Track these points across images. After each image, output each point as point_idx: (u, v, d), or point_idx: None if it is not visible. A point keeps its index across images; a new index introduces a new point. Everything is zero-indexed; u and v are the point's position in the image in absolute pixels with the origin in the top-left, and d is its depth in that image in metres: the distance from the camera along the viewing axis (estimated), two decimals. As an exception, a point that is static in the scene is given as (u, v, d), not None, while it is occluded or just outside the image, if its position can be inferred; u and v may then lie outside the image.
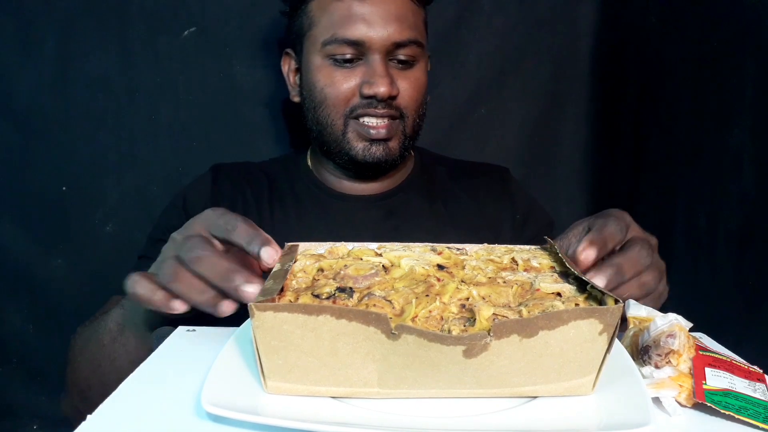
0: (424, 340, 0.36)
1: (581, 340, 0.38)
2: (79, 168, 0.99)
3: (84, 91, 0.98)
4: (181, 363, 0.47)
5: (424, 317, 0.41)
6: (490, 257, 0.51)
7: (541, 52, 1.09)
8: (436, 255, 0.51)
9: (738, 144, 0.81)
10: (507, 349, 0.37)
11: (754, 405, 0.40)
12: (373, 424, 0.36)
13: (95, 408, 0.63)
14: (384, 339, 0.36)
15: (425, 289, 0.45)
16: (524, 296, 0.44)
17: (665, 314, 0.47)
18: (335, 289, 0.44)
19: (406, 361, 0.37)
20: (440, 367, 0.37)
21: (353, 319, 0.36)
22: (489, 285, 0.45)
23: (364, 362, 0.38)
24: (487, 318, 0.40)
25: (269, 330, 0.37)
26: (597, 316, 0.37)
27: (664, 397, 0.41)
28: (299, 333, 0.37)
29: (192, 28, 1.00)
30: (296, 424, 0.35)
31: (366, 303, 0.42)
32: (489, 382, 0.38)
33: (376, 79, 0.77)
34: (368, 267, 0.48)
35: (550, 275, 0.47)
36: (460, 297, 0.44)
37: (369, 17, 0.77)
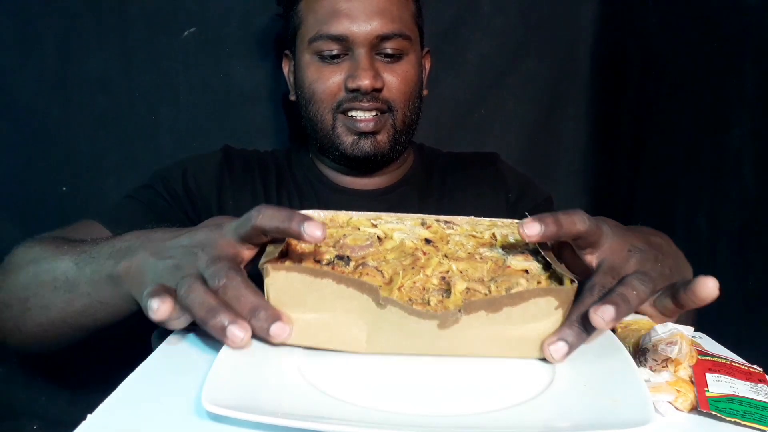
0: (405, 313, 0.43)
1: (539, 315, 0.44)
2: (79, 168, 0.99)
3: (84, 91, 0.98)
4: (181, 363, 0.46)
5: (409, 287, 0.48)
6: (474, 232, 0.56)
7: (541, 52, 1.09)
8: (425, 229, 0.56)
9: (738, 144, 0.81)
10: (475, 323, 0.43)
11: (758, 409, 0.40)
12: (373, 423, 0.36)
13: (2, 321, 0.62)
14: (374, 306, 0.43)
15: (412, 261, 0.51)
16: (496, 272, 0.50)
17: (665, 323, 0.46)
18: (334, 257, 0.50)
19: (391, 327, 0.44)
20: (418, 335, 0.44)
21: (350, 286, 0.43)
22: (467, 260, 0.51)
23: (356, 323, 0.44)
24: (461, 291, 0.47)
25: (280, 287, 0.44)
26: (554, 295, 0.44)
27: (659, 401, 0.41)
28: (305, 291, 0.43)
29: (192, 28, 1.00)
30: (296, 424, 0.35)
31: (360, 272, 0.48)
32: (459, 348, 0.45)
33: (360, 73, 0.78)
34: (364, 238, 0.53)
35: (521, 253, 0.52)
36: (441, 270, 0.50)
37: (352, 12, 0.79)
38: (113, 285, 0.53)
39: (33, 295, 0.60)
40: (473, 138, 1.09)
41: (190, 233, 0.51)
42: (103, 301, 0.55)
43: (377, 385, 0.42)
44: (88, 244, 0.59)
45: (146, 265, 0.50)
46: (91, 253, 0.57)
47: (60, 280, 0.58)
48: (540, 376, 0.44)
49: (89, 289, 0.56)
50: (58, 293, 0.58)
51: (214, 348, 0.45)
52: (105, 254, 0.55)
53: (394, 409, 0.39)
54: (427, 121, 0.95)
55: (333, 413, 0.38)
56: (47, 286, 0.59)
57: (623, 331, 0.49)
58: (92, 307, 0.56)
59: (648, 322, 0.49)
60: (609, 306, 0.42)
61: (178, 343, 0.51)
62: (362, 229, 0.55)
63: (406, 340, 0.45)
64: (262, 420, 0.35)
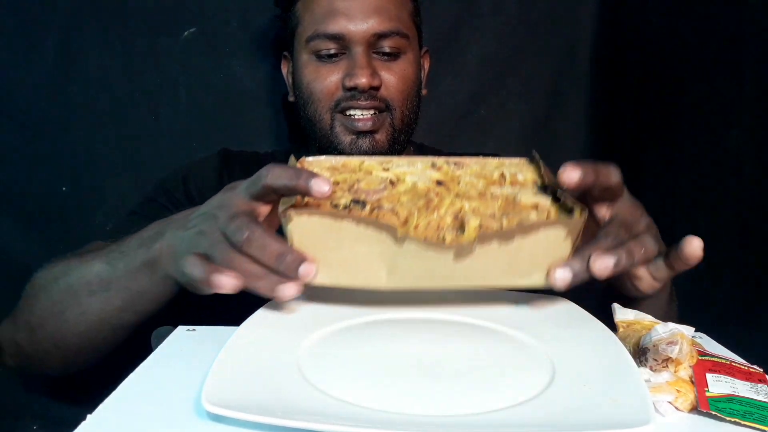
0: (422, 247, 0.45)
1: (549, 245, 0.46)
2: (79, 168, 0.99)
3: (84, 91, 0.98)
4: (181, 363, 0.47)
5: (424, 226, 0.49)
6: (483, 172, 0.57)
7: (541, 52, 1.09)
8: (436, 171, 0.57)
9: (738, 144, 0.81)
10: (488, 253, 0.46)
11: (758, 409, 0.40)
12: (373, 423, 0.36)
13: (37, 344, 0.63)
14: (392, 244, 0.45)
15: (425, 202, 0.52)
16: (507, 208, 0.51)
17: (666, 322, 0.47)
18: (350, 201, 0.51)
19: (409, 262, 0.46)
20: (435, 268, 0.46)
21: (369, 226, 0.45)
22: (479, 199, 0.53)
23: (375, 261, 0.46)
24: (475, 227, 0.49)
25: (303, 232, 0.46)
26: (563, 225, 0.46)
27: (659, 401, 0.41)
28: (326, 234, 0.45)
29: (192, 28, 1.00)
30: (296, 424, 0.35)
31: (376, 214, 0.50)
32: (474, 278, 0.47)
33: (357, 71, 0.78)
34: (378, 181, 0.55)
35: (531, 190, 0.54)
36: (454, 209, 0.51)
37: (349, 11, 0.79)
38: (150, 271, 0.55)
39: (68, 306, 0.61)
40: (473, 138, 1.09)
41: (207, 201, 0.53)
42: (143, 290, 0.57)
43: (377, 384, 0.42)
44: (113, 245, 0.60)
45: (174, 239, 0.53)
46: (120, 249, 0.59)
47: (94, 283, 0.59)
48: (540, 376, 0.44)
49: (127, 283, 0.57)
50: (95, 296, 0.59)
51: (214, 348, 0.45)
52: (134, 246, 0.57)
53: (394, 409, 0.38)
54: (427, 121, 0.94)
55: (333, 413, 0.38)
56: (82, 292, 0.60)
57: (623, 331, 0.49)
58: (132, 300, 0.58)
59: (648, 322, 0.49)
60: (610, 257, 0.45)
61: (178, 343, 0.51)
62: (375, 174, 0.56)
63: (423, 273, 0.47)
64: (262, 420, 0.35)
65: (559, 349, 0.47)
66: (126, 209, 0.98)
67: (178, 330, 0.54)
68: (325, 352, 0.46)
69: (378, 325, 0.52)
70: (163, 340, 0.52)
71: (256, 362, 0.43)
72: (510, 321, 0.52)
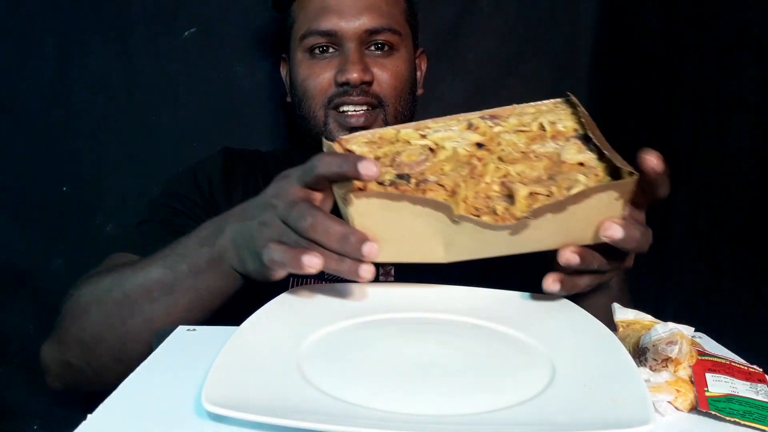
0: (479, 227, 0.47)
1: (601, 206, 0.47)
2: (79, 168, 0.99)
3: (84, 91, 0.98)
4: (181, 363, 0.47)
5: (473, 197, 0.50)
6: (521, 127, 0.57)
7: (541, 52, 1.09)
8: (473, 132, 0.56)
9: (738, 144, 0.81)
10: (542, 224, 0.47)
11: (758, 408, 0.40)
12: (373, 423, 0.36)
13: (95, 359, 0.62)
14: (449, 222, 0.47)
15: (469, 170, 0.52)
16: (553, 168, 0.52)
17: (666, 322, 0.47)
18: (395, 176, 0.52)
19: (466, 239, 0.48)
20: (491, 242, 0.48)
21: (426, 206, 0.46)
22: (523, 161, 0.53)
23: (433, 237, 0.48)
24: (525, 197, 0.49)
25: (363, 213, 0.47)
26: (614, 188, 0.47)
27: (659, 401, 0.41)
28: (385, 214, 0.47)
29: (192, 28, 1.00)
30: (296, 424, 0.35)
31: (423, 188, 0.51)
32: (529, 245, 0.49)
33: (348, 66, 0.79)
34: (418, 153, 0.54)
35: (573, 144, 0.54)
36: (499, 176, 0.52)
37: (341, 8, 0.80)
38: (216, 268, 0.57)
39: (129, 316, 0.60)
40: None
41: (262, 192, 0.54)
42: (210, 287, 0.58)
43: (377, 384, 0.42)
44: (167, 249, 0.60)
45: (235, 233, 0.55)
46: (177, 252, 0.59)
47: (156, 289, 0.59)
48: (540, 376, 0.44)
49: (193, 283, 0.58)
50: (158, 301, 0.59)
51: (214, 348, 0.45)
52: (194, 246, 0.58)
53: (394, 409, 0.38)
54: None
55: (333, 413, 0.38)
56: (143, 300, 0.59)
57: (623, 331, 0.49)
58: (199, 299, 0.59)
59: (648, 322, 0.49)
60: None
61: (178, 343, 0.51)
62: (413, 143, 0.56)
63: (480, 246, 0.49)
64: (262, 420, 0.35)
65: (559, 349, 0.47)
66: (126, 209, 0.99)
67: (178, 330, 0.54)
68: (325, 352, 0.46)
69: (378, 325, 0.52)
70: (163, 340, 0.52)
71: (256, 362, 0.43)
72: (510, 321, 0.52)
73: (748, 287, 0.77)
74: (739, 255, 0.79)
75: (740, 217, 0.80)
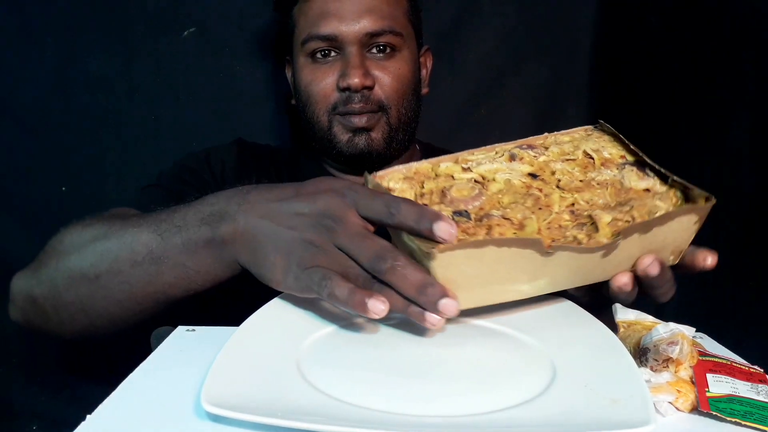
0: (575, 253, 0.45)
1: (681, 230, 0.48)
2: (79, 168, 0.99)
3: (84, 91, 0.98)
4: (181, 363, 0.47)
5: (545, 228, 0.49)
6: (567, 156, 0.56)
7: (541, 52, 1.09)
8: (522, 164, 0.56)
9: (738, 144, 0.81)
10: (629, 245, 0.47)
11: (759, 409, 0.40)
12: (373, 423, 0.36)
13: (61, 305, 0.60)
14: (538, 256, 0.44)
15: (534, 201, 0.51)
16: (619, 195, 0.52)
17: (667, 323, 0.47)
18: (452, 214, 0.50)
19: (554, 270, 0.46)
20: (581, 268, 0.47)
21: (512, 246, 0.44)
22: (587, 189, 0.52)
23: (518, 275, 0.46)
24: (608, 223, 0.48)
25: (446, 266, 0.44)
26: (695, 212, 0.48)
27: (660, 401, 0.41)
28: (469, 263, 0.44)
29: (192, 28, 1.00)
30: (296, 424, 0.35)
31: (488, 224, 0.48)
32: (612, 270, 0.48)
33: (349, 71, 0.79)
34: (468, 187, 0.53)
35: (630, 171, 0.54)
36: (566, 204, 0.51)
37: (341, 12, 0.80)
38: (214, 251, 0.52)
39: (107, 272, 0.57)
40: (473, 138, 1.09)
41: (304, 199, 0.49)
42: (202, 270, 0.54)
43: (377, 384, 0.42)
44: (162, 213, 0.56)
45: (260, 230, 0.49)
46: (173, 222, 0.54)
47: (141, 253, 0.55)
48: (540, 376, 0.44)
49: (183, 259, 0.53)
50: (142, 268, 0.55)
51: (214, 348, 0.45)
52: (194, 221, 0.53)
53: (393, 409, 0.38)
54: (427, 121, 0.94)
55: (333, 413, 0.38)
56: (125, 260, 0.56)
57: (624, 331, 0.49)
58: (186, 278, 0.54)
59: (649, 322, 0.49)
60: None
61: (178, 343, 0.51)
62: (457, 177, 0.54)
63: (569, 275, 0.48)
64: (262, 420, 0.35)
65: (559, 349, 0.47)
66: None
67: (178, 330, 0.54)
68: (325, 352, 0.46)
69: (378, 326, 0.52)
70: (163, 340, 0.52)
71: (256, 362, 0.43)
72: (510, 321, 0.52)
73: (749, 287, 0.77)
74: (740, 255, 0.79)
75: (741, 217, 0.79)
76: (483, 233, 0.48)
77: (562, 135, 0.60)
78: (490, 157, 0.57)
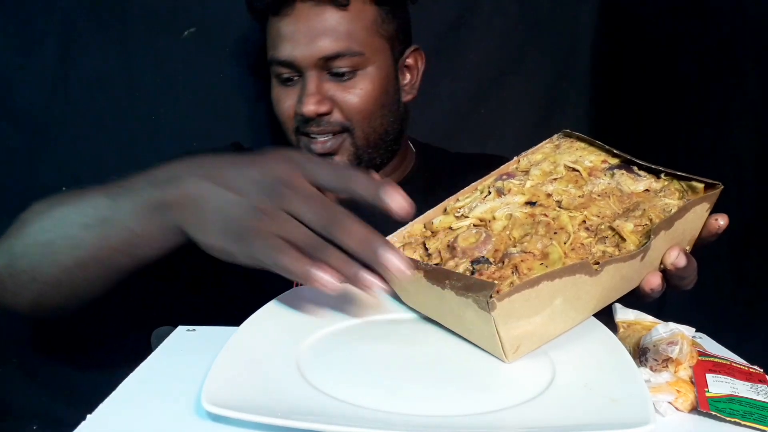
0: (620, 263, 0.46)
1: (696, 219, 0.51)
2: (79, 168, 0.98)
3: (84, 91, 0.98)
4: (181, 363, 0.47)
5: (570, 250, 0.49)
6: (551, 177, 0.57)
7: (541, 52, 1.09)
8: (512, 196, 0.56)
9: (738, 144, 0.81)
10: (658, 243, 0.48)
11: (758, 409, 0.40)
12: (373, 423, 0.36)
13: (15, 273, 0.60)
14: (587, 279, 0.45)
15: (545, 227, 0.51)
16: (623, 201, 0.53)
17: (667, 323, 0.47)
18: (471, 264, 0.49)
19: (604, 285, 0.46)
20: (624, 277, 0.47)
21: (564, 275, 0.44)
22: (590, 203, 0.53)
23: (575, 302, 0.46)
24: (632, 231, 0.49)
25: (509, 313, 0.43)
26: (707, 199, 0.50)
27: (659, 401, 0.41)
28: (528, 305, 0.43)
29: (192, 28, 1.00)
30: (296, 424, 0.35)
31: (512, 263, 0.48)
32: (646, 270, 0.49)
33: (304, 98, 0.77)
34: (473, 233, 0.52)
35: (621, 174, 0.55)
36: (578, 222, 0.51)
37: (294, 36, 0.76)
38: (159, 215, 0.50)
39: (58, 237, 0.56)
40: (473, 138, 1.09)
41: (256, 165, 0.47)
42: (146, 234, 0.52)
43: (377, 384, 0.42)
44: (116, 180, 0.55)
45: (205, 192, 0.47)
46: (124, 185, 0.53)
47: (91, 216, 0.54)
48: (540, 376, 0.44)
49: (129, 222, 0.52)
50: (91, 230, 0.54)
51: (214, 348, 0.45)
52: (143, 184, 0.52)
53: (393, 409, 0.38)
54: (427, 121, 0.94)
55: (333, 413, 0.38)
56: (75, 224, 0.55)
57: (624, 331, 0.49)
58: (132, 243, 0.53)
59: (649, 322, 0.49)
60: None
61: (178, 343, 0.51)
62: (455, 226, 0.54)
63: (613, 289, 0.48)
64: (262, 420, 0.35)
65: (559, 349, 0.47)
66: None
67: (178, 330, 0.54)
68: (325, 352, 0.46)
69: (378, 326, 0.52)
70: (163, 340, 0.52)
71: (256, 362, 0.43)
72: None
73: (749, 287, 0.77)
74: (740, 255, 0.79)
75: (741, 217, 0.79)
76: (509, 274, 0.47)
77: (533, 153, 0.60)
78: (477, 198, 0.57)
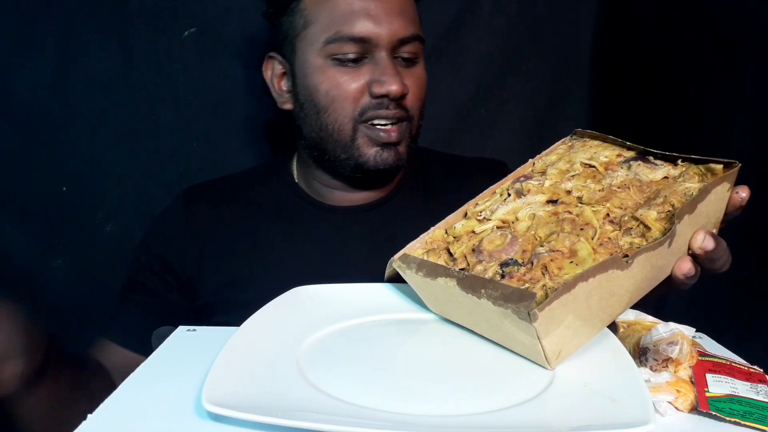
0: (649, 252, 0.45)
1: (718, 200, 0.50)
2: (79, 168, 0.98)
3: (84, 91, 0.97)
4: (181, 363, 0.47)
5: (597, 245, 0.48)
6: (569, 174, 0.56)
7: (541, 52, 1.09)
8: (532, 196, 0.55)
9: (738, 144, 0.81)
10: (683, 229, 0.47)
11: (758, 409, 0.40)
12: (373, 423, 0.36)
13: None
14: (620, 273, 0.44)
15: (571, 224, 0.50)
16: (644, 190, 0.52)
17: (667, 323, 0.47)
18: (499, 267, 0.49)
19: (636, 277, 0.45)
20: (655, 266, 0.46)
21: (597, 273, 0.43)
22: (612, 196, 0.52)
23: (610, 299, 0.45)
24: (656, 219, 0.49)
25: (550, 321, 0.42)
26: (727, 179, 0.50)
27: (659, 401, 0.41)
28: (566, 309, 0.43)
29: (192, 28, 1.00)
30: (296, 424, 0.35)
31: (542, 263, 0.47)
32: (675, 257, 0.48)
33: (387, 78, 0.72)
34: (497, 235, 0.52)
35: (638, 165, 0.54)
36: (603, 216, 0.50)
37: (374, 12, 0.72)
38: None
39: None
40: (473, 138, 1.09)
41: None
42: None
43: (377, 384, 0.42)
44: None
45: None
46: None
47: None
48: (540, 376, 0.44)
49: None
50: None
51: (214, 348, 0.45)
52: None
53: (393, 409, 0.39)
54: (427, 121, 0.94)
55: (333, 413, 0.38)
56: None
57: (624, 331, 0.49)
58: None
59: (649, 322, 0.49)
60: None
61: (178, 343, 0.51)
62: (479, 229, 0.54)
63: (645, 280, 0.47)
64: (262, 420, 0.35)
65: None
66: (126, 209, 0.99)
67: (178, 330, 0.54)
68: (325, 352, 0.46)
69: (378, 326, 0.52)
70: (163, 340, 0.52)
71: (256, 362, 0.43)
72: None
73: (749, 287, 0.77)
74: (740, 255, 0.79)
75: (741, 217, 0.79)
76: (540, 275, 0.47)
77: (548, 155, 0.60)
78: (497, 201, 0.56)
